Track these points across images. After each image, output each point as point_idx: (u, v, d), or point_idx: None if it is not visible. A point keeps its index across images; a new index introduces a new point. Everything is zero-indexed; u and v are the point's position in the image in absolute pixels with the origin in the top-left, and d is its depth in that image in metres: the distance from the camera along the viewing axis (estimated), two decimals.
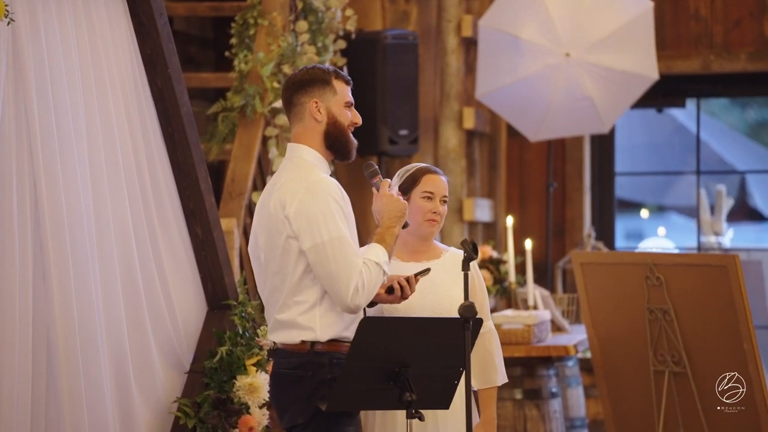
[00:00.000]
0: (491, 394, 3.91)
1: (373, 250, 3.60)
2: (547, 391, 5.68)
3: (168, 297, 4.43)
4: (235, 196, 5.43)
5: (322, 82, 3.66)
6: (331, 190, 3.58)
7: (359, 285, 3.53)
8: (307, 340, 3.60)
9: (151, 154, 4.39)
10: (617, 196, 8.05)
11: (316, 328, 3.59)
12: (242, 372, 4.49)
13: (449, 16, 7.19)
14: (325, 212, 3.55)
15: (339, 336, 3.60)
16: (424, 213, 3.85)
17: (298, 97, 3.68)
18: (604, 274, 5.50)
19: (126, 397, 4.22)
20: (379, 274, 3.57)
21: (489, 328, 3.92)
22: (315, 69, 3.71)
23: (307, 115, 3.68)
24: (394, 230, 3.64)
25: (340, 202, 3.59)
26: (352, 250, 3.55)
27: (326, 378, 3.58)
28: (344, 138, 3.68)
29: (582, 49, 6.64)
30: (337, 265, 3.53)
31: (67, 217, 3.95)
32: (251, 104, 5.69)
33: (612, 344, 5.56)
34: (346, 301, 3.54)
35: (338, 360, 3.59)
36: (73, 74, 4.04)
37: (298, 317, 3.61)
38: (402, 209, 3.65)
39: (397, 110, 6.56)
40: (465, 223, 7.20)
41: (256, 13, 5.92)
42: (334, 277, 3.54)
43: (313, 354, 3.59)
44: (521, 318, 5.67)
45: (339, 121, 3.67)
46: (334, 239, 3.54)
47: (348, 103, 3.70)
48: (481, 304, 3.88)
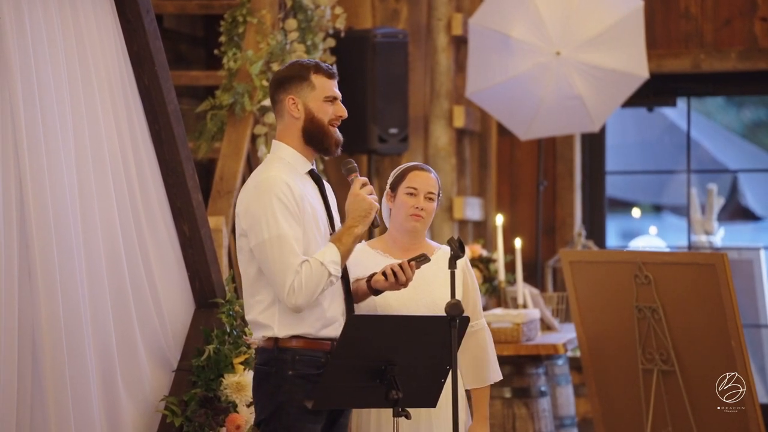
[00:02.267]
0: (484, 393, 3.91)
1: (324, 249, 3.59)
2: (536, 389, 5.68)
3: (155, 295, 4.42)
4: (224, 195, 5.43)
5: (300, 79, 3.65)
6: (275, 188, 3.56)
7: (296, 284, 3.52)
8: (268, 337, 3.60)
9: (138, 151, 4.38)
10: (609, 196, 8.05)
11: (274, 326, 3.59)
12: (230, 370, 4.48)
13: (439, 15, 7.19)
14: (267, 210, 3.54)
15: (300, 333, 3.59)
16: (407, 208, 3.86)
17: (278, 95, 3.68)
18: (593, 272, 5.50)
19: (113, 396, 4.21)
20: (322, 274, 3.54)
21: (482, 326, 3.92)
22: (294, 65, 3.71)
23: (285, 112, 3.68)
24: (354, 230, 3.61)
25: (285, 200, 3.56)
26: (291, 250, 3.53)
27: (288, 374, 3.58)
28: (322, 134, 3.66)
29: (572, 47, 6.64)
30: (274, 265, 3.53)
31: (53, 215, 3.94)
32: (240, 102, 5.68)
33: (601, 343, 5.56)
34: (284, 300, 3.55)
35: (302, 356, 3.59)
36: (59, 72, 4.03)
37: (259, 316, 3.63)
38: (367, 209, 3.63)
39: (387, 108, 6.55)
40: (455, 222, 7.20)
41: (245, 11, 5.91)
42: (273, 277, 3.55)
43: (277, 350, 3.60)
44: (510, 316, 5.67)
45: (317, 117, 3.65)
46: (273, 238, 3.53)
47: (329, 97, 3.67)
48: (474, 301, 3.88)
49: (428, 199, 3.87)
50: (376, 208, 3.65)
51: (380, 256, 3.85)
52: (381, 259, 3.84)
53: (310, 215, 3.61)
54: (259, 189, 3.57)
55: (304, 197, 3.61)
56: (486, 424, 3.90)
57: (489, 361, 3.90)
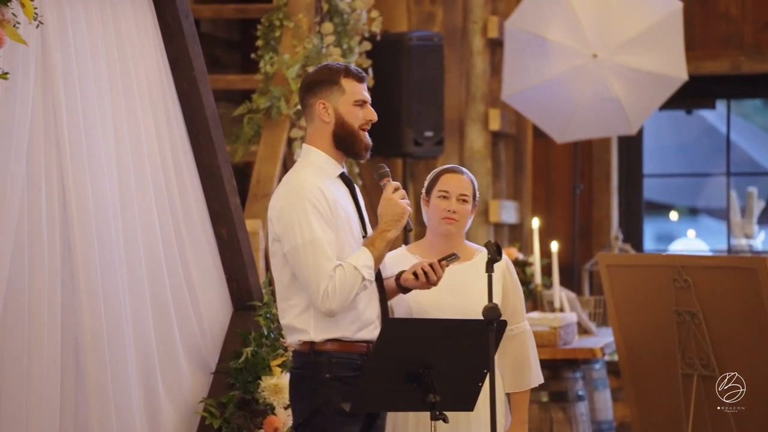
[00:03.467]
0: (523, 397, 3.88)
1: (357, 253, 3.59)
2: (573, 393, 5.65)
3: (194, 297, 4.45)
4: (260, 198, 5.45)
5: (329, 83, 3.65)
6: (308, 193, 3.57)
7: (329, 289, 3.52)
8: (304, 341, 3.62)
9: (176, 155, 4.41)
10: (646, 198, 8.00)
11: (310, 330, 3.60)
12: (267, 373, 4.50)
13: (475, 18, 7.18)
14: (300, 215, 3.55)
15: (336, 336, 3.60)
16: (440, 212, 3.84)
17: (308, 99, 3.68)
18: (630, 276, 5.47)
19: (153, 397, 4.24)
20: (356, 278, 3.54)
21: (523, 329, 3.89)
22: (323, 69, 3.70)
23: (316, 117, 3.68)
24: (387, 234, 3.61)
25: (317, 205, 3.56)
26: (324, 254, 3.53)
27: (325, 377, 3.58)
28: (352, 138, 3.65)
29: (609, 49, 6.61)
30: (308, 270, 3.54)
31: (95, 218, 3.97)
32: (276, 106, 5.70)
33: (639, 347, 5.53)
34: (318, 305, 3.55)
35: (338, 359, 3.59)
36: (100, 76, 4.07)
37: (294, 320, 3.63)
38: (399, 213, 3.62)
39: (422, 112, 6.55)
40: (490, 225, 7.19)
41: (282, 14, 5.94)
42: (307, 281, 3.56)
43: (313, 354, 3.61)
44: (547, 320, 5.65)
45: (347, 121, 3.65)
46: (307, 243, 3.53)
47: (359, 101, 3.66)
48: (515, 304, 3.86)
49: (461, 201, 3.85)
50: (408, 213, 3.64)
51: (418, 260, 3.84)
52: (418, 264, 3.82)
53: (343, 219, 3.62)
54: (291, 194, 3.58)
55: (337, 201, 3.61)
56: (524, 428, 3.88)
57: (529, 365, 3.87)
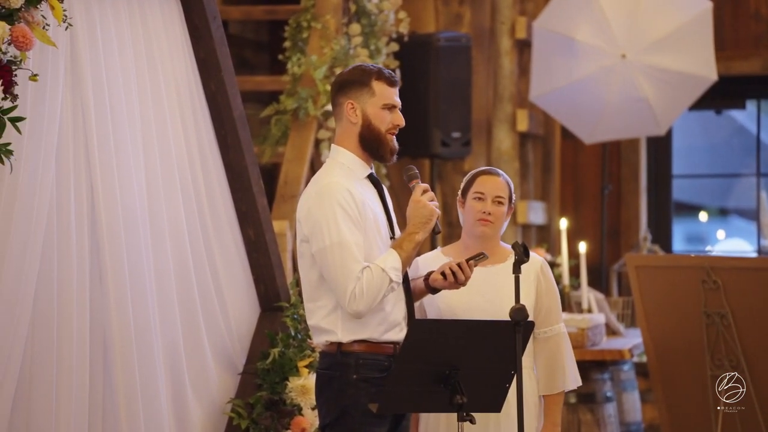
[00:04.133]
0: (555, 399, 3.84)
1: (385, 255, 3.58)
2: (602, 395, 5.63)
3: (221, 298, 4.46)
4: (288, 199, 5.46)
5: (360, 84, 3.63)
6: (337, 195, 3.56)
7: (357, 291, 3.52)
8: (331, 342, 3.62)
9: (204, 156, 4.43)
10: (675, 199, 7.95)
11: (338, 331, 3.60)
12: (294, 373, 4.51)
13: (503, 18, 7.17)
14: (329, 217, 3.54)
15: (364, 337, 3.59)
16: (475, 213, 3.83)
17: (338, 98, 3.67)
18: (659, 277, 5.45)
19: (181, 398, 4.25)
20: (383, 280, 3.53)
21: (557, 332, 3.86)
22: (356, 69, 3.69)
23: (344, 117, 3.67)
24: (415, 236, 3.60)
25: (346, 206, 3.55)
26: (352, 256, 3.52)
27: (352, 378, 3.58)
28: (378, 141, 3.64)
29: (638, 50, 6.59)
30: (336, 271, 3.53)
31: (123, 220, 3.99)
32: (304, 107, 5.71)
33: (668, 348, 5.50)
34: (345, 307, 3.55)
35: (365, 360, 3.59)
36: (129, 78, 4.09)
37: (321, 321, 3.63)
38: (428, 215, 3.61)
39: (449, 112, 6.54)
40: (518, 226, 7.17)
41: (310, 16, 5.95)
42: (334, 283, 3.55)
43: (340, 355, 3.60)
44: (575, 321, 5.63)
45: (373, 124, 3.63)
46: (335, 244, 3.53)
47: (387, 104, 3.65)
48: (548, 306, 3.83)
49: (497, 203, 3.83)
50: (437, 215, 3.63)
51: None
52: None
53: (372, 221, 3.61)
54: (320, 195, 3.58)
55: (365, 203, 3.61)
56: (557, 430, 3.85)
57: (563, 367, 3.83)
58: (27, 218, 3.68)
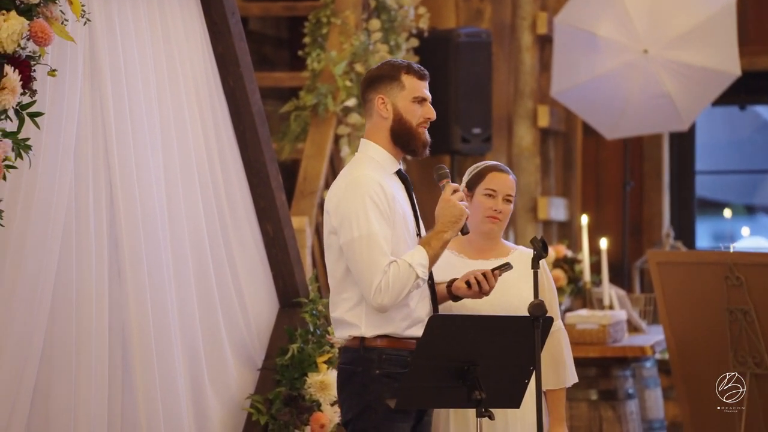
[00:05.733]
0: (560, 394, 3.86)
1: (413, 251, 3.57)
2: (623, 392, 5.60)
3: (240, 294, 4.46)
4: (307, 195, 5.46)
5: (390, 78, 3.64)
6: (368, 187, 3.55)
7: (382, 285, 3.50)
8: (353, 336, 3.61)
9: (223, 152, 4.43)
10: (699, 196, 7.91)
11: (362, 325, 3.59)
12: (313, 369, 4.50)
13: (524, 14, 7.14)
14: (359, 209, 3.53)
15: (387, 332, 3.59)
16: (485, 210, 3.81)
17: (368, 94, 3.67)
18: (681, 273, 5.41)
19: (200, 393, 4.25)
20: (410, 276, 3.52)
21: (558, 327, 3.87)
22: (386, 65, 3.69)
23: (374, 112, 3.67)
24: (444, 235, 3.59)
25: (377, 199, 3.55)
26: (380, 249, 3.51)
27: (375, 373, 3.57)
28: (409, 135, 3.64)
29: (660, 45, 6.55)
30: (362, 264, 3.52)
31: (142, 215, 4.00)
32: (323, 103, 5.71)
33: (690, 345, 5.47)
34: (369, 300, 3.54)
35: (389, 355, 3.58)
36: (147, 73, 4.09)
37: (345, 314, 3.62)
38: (457, 215, 3.60)
39: (470, 109, 6.52)
40: (539, 222, 7.14)
41: (329, 12, 5.95)
42: (360, 275, 3.54)
43: (363, 350, 3.59)
44: (596, 318, 5.61)
45: (404, 117, 3.63)
46: (363, 236, 3.52)
47: (417, 98, 3.64)
48: (550, 302, 3.83)
49: (506, 201, 3.82)
50: (466, 215, 3.62)
51: (454, 256, 3.82)
52: (455, 259, 3.80)
53: (400, 216, 3.61)
54: (350, 187, 3.57)
55: (395, 197, 3.61)
56: (563, 425, 3.85)
57: (565, 363, 3.85)
58: (46, 213, 3.69)
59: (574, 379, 3.88)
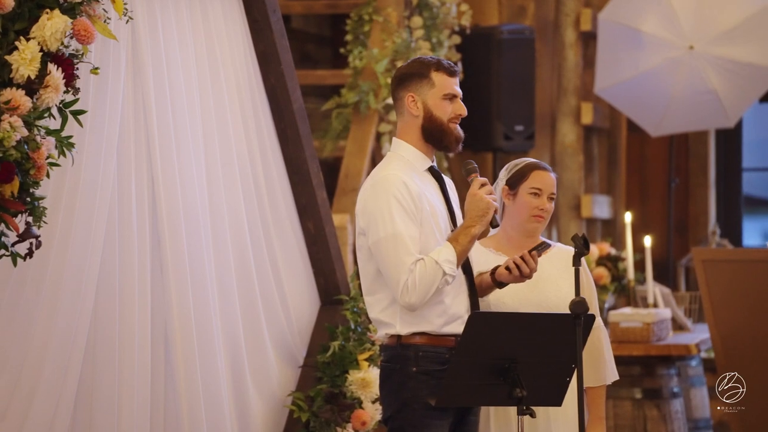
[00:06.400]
0: (600, 392, 3.83)
1: (440, 248, 3.56)
2: (668, 390, 5.55)
3: (281, 291, 4.47)
4: (348, 192, 5.47)
5: (419, 76, 3.62)
6: (392, 187, 3.55)
7: (409, 283, 3.50)
8: (391, 334, 3.61)
9: (264, 149, 4.44)
10: (746, 194, 7.81)
11: (396, 323, 3.59)
12: (354, 367, 4.50)
13: (567, 10, 7.11)
14: (383, 209, 3.53)
15: (423, 330, 3.58)
16: (530, 209, 3.79)
17: (398, 92, 3.66)
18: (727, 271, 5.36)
19: (241, 390, 4.27)
20: (436, 273, 3.51)
21: (597, 325, 3.84)
22: (415, 62, 3.68)
23: (405, 110, 3.66)
24: (472, 230, 3.57)
25: (401, 199, 3.54)
26: (405, 248, 3.51)
27: (412, 371, 3.57)
28: (441, 132, 3.63)
29: (706, 41, 6.49)
30: (389, 263, 3.52)
31: (184, 213, 4.02)
32: (365, 100, 5.71)
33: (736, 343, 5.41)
34: (398, 299, 3.54)
35: (425, 353, 3.57)
36: (189, 71, 4.11)
37: (380, 314, 3.62)
38: (484, 209, 3.58)
39: (512, 106, 6.50)
40: (582, 220, 7.10)
41: (371, 9, 5.95)
42: (388, 275, 3.55)
43: (400, 347, 3.59)
44: (640, 316, 5.57)
45: (435, 115, 3.62)
46: (389, 236, 3.52)
47: (448, 95, 3.63)
48: (590, 299, 3.80)
49: (550, 200, 3.82)
50: (494, 208, 3.60)
51: (492, 254, 3.80)
52: (493, 257, 3.79)
53: (428, 213, 3.60)
54: (375, 188, 3.58)
55: (422, 195, 3.59)
56: (603, 424, 3.82)
57: (605, 360, 3.82)
58: (89, 211, 3.72)
59: (615, 376, 3.85)
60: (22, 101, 3.23)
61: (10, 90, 3.23)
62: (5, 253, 3.29)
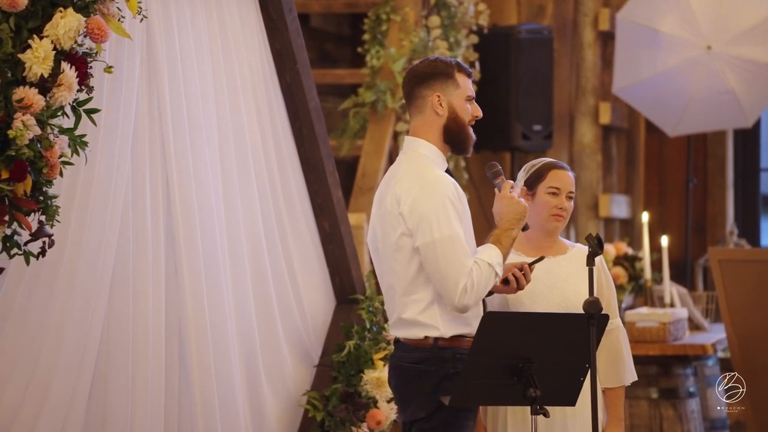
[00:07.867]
0: (619, 393, 3.81)
1: (488, 250, 3.55)
2: (685, 390, 5.53)
3: (296, 290, 4.47)
4: (365, 191, 5.47)
5: (445, 76, 3.62)
6: (446, 189, 3.55)
7: (468, 285, 3.49)
8: (430, 336, 3.59)
9: (279, 148, 4.44)
10: (765, 194, 7.78)
11: (439, 326, 3.57)
12: (370, 366, 4.50)
13: (586, 10, 7.09)
14: (439, 210, 3.52)
15: (465, 332, 3.58)
16: (549, 208, 3.79)
17: (420, 90, 3.64)
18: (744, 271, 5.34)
19: (256, 389, 4.27)
20: (491, 275, 3.53)
21: (617, 325, 3.83)
22: (438, 61, 3.67)
23: (428, 109, 3.64)
24: (511, 233, 3.58)
25: (455, 201, 3.55)
26: (463, 250, 3.51)
27: (449, 372, 3.56)
28: (464, 133, 3.64)
29: (724, 41, 6.47)
30: (447, 265, 3.50)
31: (198, 211, 4.02)
32: (382, 100, 5.71)
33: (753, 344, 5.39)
34: (453, 301, 3.52)
35: (461, 355, 3.56)
36: (204, 69, 4.11)
37: (419, 316, 3.59)
38: (522, 212, 3.60)
39: (530, 105, 6.49)
40: (601, 220, 7.08)
41: (389, 8, 5.95)
42: (443, 276, 3.52)
43: (437, 349, 3.57)
44: (656, 315, 5.56)
45: (460, 116, 3.62)
46: (446, 238, 3.50)
47: (470, 97, 3.65)
48: (608, 300, 3.79)
49: (569, 199, 3.81)
50: (527, 211, 3.62)
51: (512, 254, 3.80)
52: (513, 257, 3.78)
53: (469, 216, 3.62)
54: (427, 189, 3.55)
55: (464, 197, 3.62)
56: (621, 425, 3.80)
57: (624, 361, 3.81)
58: (103, 210, 3.73)
59: (633, 377, 3.83)
60: (35, 100, 3.23)
61: (23, 88, 3.24)
62: (18, 252, 3.30)
